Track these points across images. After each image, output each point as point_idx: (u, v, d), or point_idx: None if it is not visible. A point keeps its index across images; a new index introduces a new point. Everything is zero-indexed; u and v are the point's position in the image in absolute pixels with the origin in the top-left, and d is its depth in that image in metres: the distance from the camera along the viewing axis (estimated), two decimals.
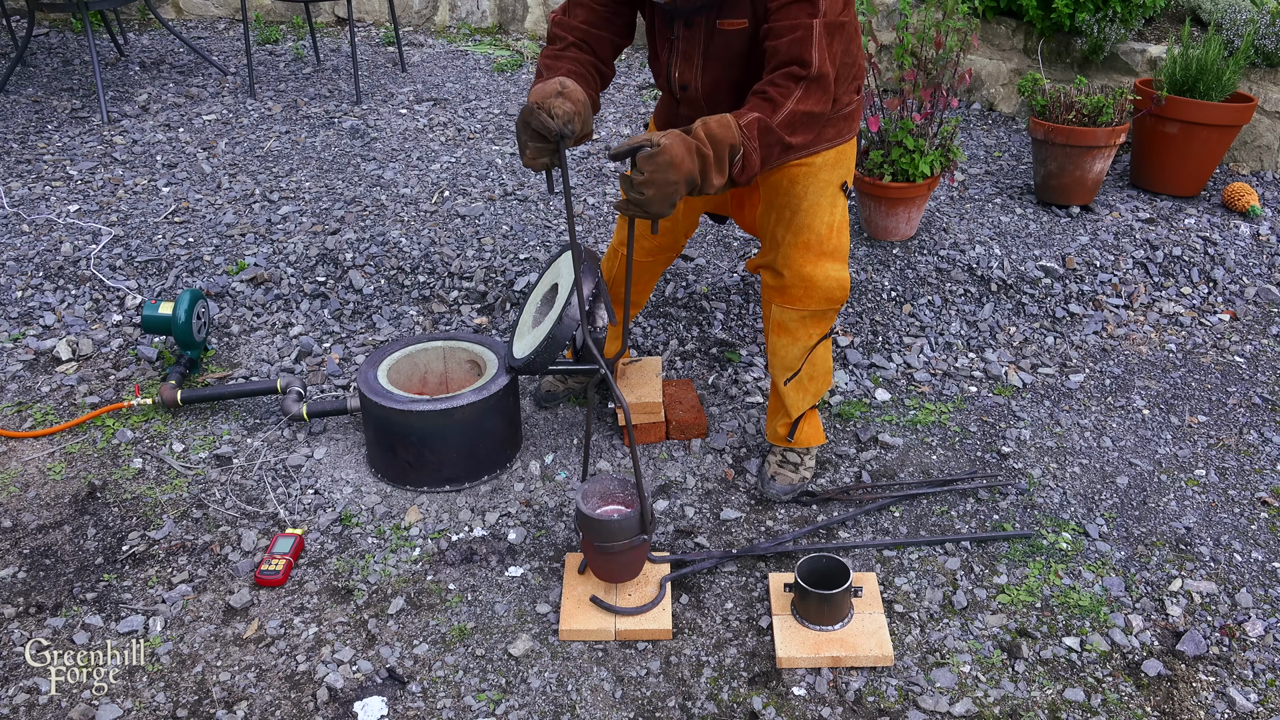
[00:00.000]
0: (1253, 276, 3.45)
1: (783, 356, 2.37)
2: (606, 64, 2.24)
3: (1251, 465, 2.64)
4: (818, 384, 2.41)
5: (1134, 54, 4.13)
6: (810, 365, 2.37)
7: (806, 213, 2.23)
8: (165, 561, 2.31)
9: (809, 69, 1.94)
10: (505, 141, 4.22)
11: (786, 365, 2.37)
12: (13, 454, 2.65)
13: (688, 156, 1.86)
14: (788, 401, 2.42)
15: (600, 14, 2.19)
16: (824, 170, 2.23)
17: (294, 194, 3.72)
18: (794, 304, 2.28)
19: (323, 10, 5.88)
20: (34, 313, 3.16)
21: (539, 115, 1.96)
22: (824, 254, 2.24)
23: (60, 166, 3.94)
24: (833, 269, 2.25)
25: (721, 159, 1.90)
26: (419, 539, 2.38)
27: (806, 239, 2.23)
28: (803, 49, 1.94)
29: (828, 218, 2.24)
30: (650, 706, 1.98)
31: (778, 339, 2.35)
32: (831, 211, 2.25)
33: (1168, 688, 2.02)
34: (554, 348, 2.45)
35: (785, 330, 2.33)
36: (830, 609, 2.08)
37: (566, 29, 2.20)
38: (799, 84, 1.95)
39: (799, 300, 2.27)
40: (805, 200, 2.23)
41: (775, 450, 2.55)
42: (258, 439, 2.71)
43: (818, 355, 2.37)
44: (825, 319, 2.32)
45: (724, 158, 1.90)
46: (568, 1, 2.23)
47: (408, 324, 3.14)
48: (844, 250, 2.28)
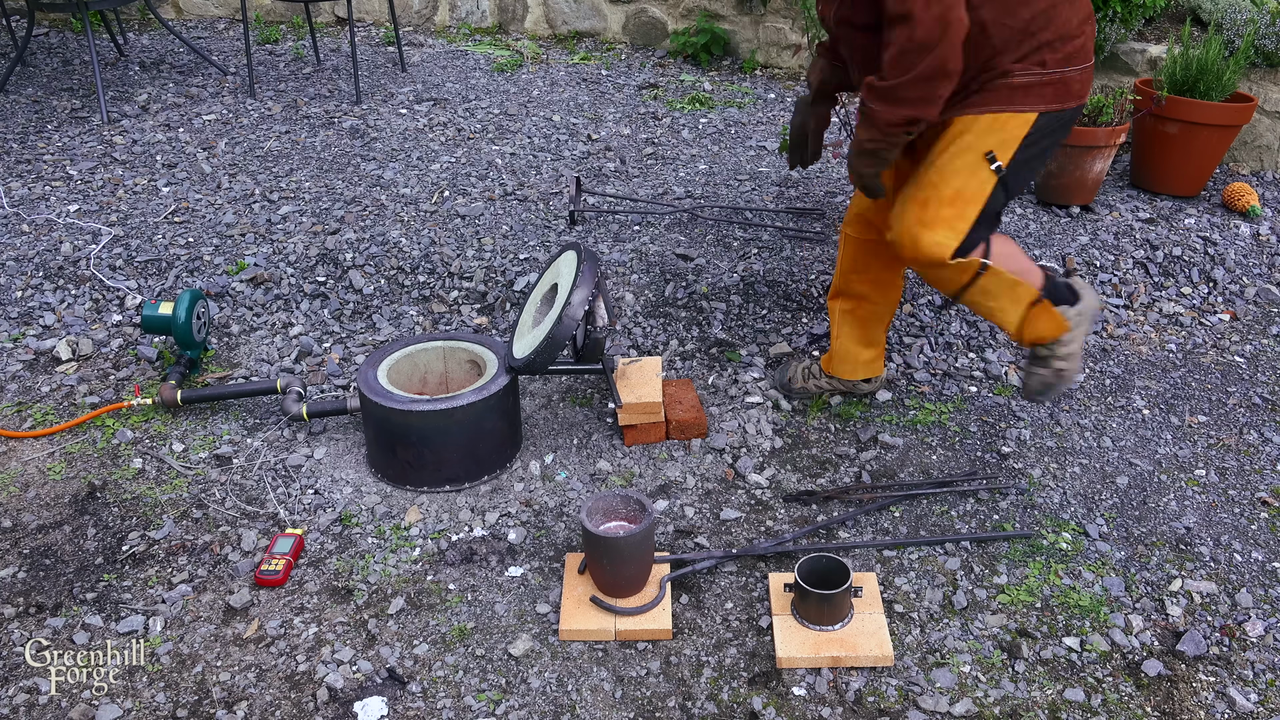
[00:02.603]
0: (1253, 276, 3.45)
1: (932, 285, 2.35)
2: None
3: (1251, 465, 2.64)
4: (1008, 297, 2.30)
5: (1134, 54, 4.13)
6: (980, 291, 2.29)
7: (936, 170, 2.17)
8: (165, 561, 2.31)
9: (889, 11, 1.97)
10: (505, 141, 4.22)
11: (939, 288, 2.34)
12: (13, 454, 2.65)
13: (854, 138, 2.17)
14: (989, 317, 2.37)
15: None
16: (967, 134, 2.16)
17: (294, 194, 3.72)
18: (901, 250, 2.24)
19: (323, 10, 5.89)
20: (34, 313, 3.16)
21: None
22: (938, 218, 2.18)
23: (60, 166, 3.94)
24: (940, 234, 2.18)
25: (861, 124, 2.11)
26: (419, 539, 2.38)
27: (925, 196, 2.18)
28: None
29: (959, 184, 2.16)
30: (650, 706, 1.98)
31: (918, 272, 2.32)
32: (965, 179, 2.17)
33: (1168, 688, 2.02)
34: (554, 348, 2.45)
35: (917, 270, 2.30)
36: (830, 609, 2.08)
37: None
38: (890, 29, 1.99)
39: (903, 251, 2.23)
40: (939, 159, 2.18)
41: (1026, 351, 2.46)
42: (258, 439, 2.71)
43: (982, 285, 2.27)
44: (961, 268, 2.23)
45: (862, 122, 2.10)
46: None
47: (408, 324, 3.14)
48: (962, 222, 2.19)
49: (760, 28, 5.16)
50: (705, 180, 3.87)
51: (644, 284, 3.22)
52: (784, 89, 4.89)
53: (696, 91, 4.81)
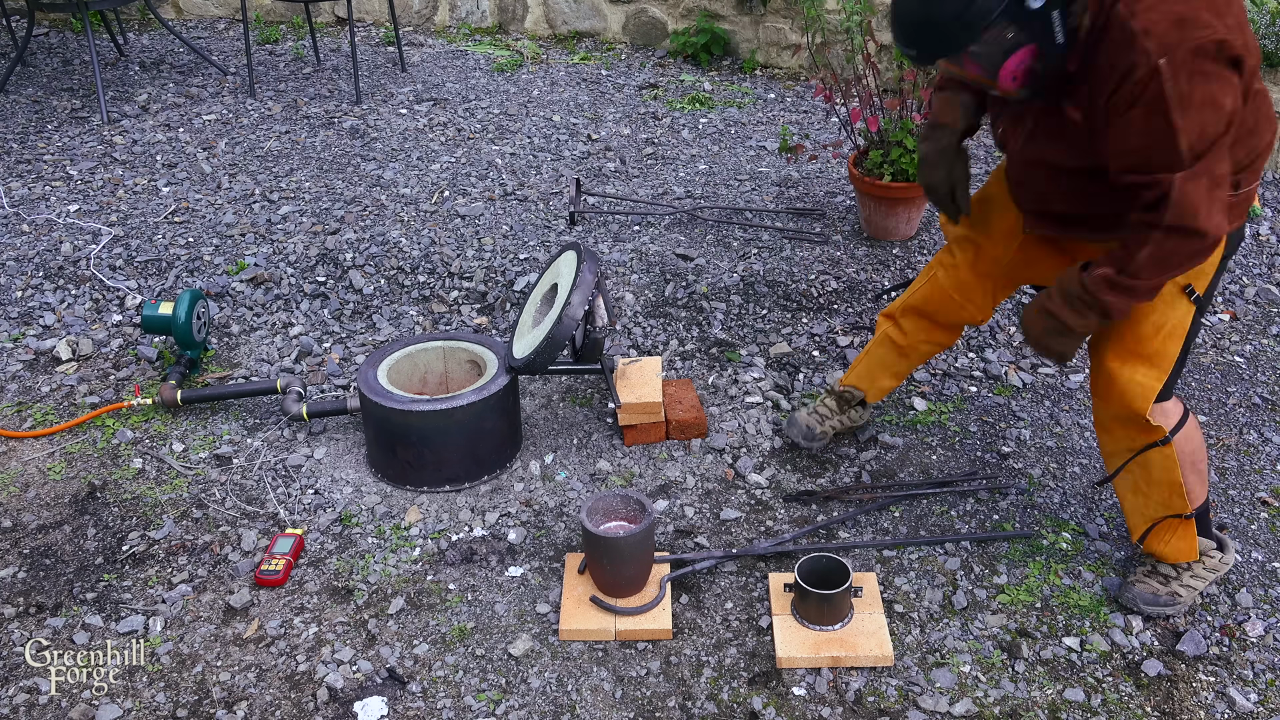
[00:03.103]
0: (1253, 276, 3.45)
1: (1103, 448, 2.16)
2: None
3: (1251, 465, 2.64)
4: (1160, 495, 2.08)
5: None
6: (1142, 470, 2.07)
7: (1135, 306, 1.93)
8: (165, 561, 2.31)
9: (1167, 221, 1.74)
10: (505, 141, 4.22)
11: (1108, 456, 2.14)
12: (13, 454, 2.65)
13: (1037, 318, 1.99)
14: (1125, 504, 2.17)
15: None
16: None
17: (294, 194, 3.72)
18: (1098, 398, 2.07)
19: (323, 10, 5.88)
20: (34, 313, 3.16)
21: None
22: (1138, 355, 1.97)
23: (60, 166, 3.94)
24: (1140, 374, 1.97)
25: (1074, 308, 1.91)
26: (419, 539, 2.38)
27: (1122, 331, 1.98)
28: (1160, 202, 1.74)
29: (1157, 319, 1.96)
30: (650, 706, 1.98)
31: (1097, 429, 2.15)
32: (1163, 312, 1.96)
33: (1168, 688, 2.02)
34: (554, 348, 2.45)
35: (1099, 424, 2.13)
36: (830, 609, 2.08)
37: None
38: (1154, 229, 1.76)
39: (1100, 395, 2.06)
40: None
41: (1147, 559, 2.23)
42: (258, 439, 2.71)
43: (1152, 462, 2.05)
44: (1146, 428, 2.02)
45: (1076, 308, 1.91)
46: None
47: (408, 324, 3.14)
48: (1164, 360, 1.98)
49: (760, 28, 5.16)
50: (705, 180, 3.87)
51: (644, 284, 3.22)
52: (784, 89, 4.89)
53: (696, 91, 4.81)
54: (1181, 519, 2.09)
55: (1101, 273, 1.84)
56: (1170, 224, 1.74)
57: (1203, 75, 1.64)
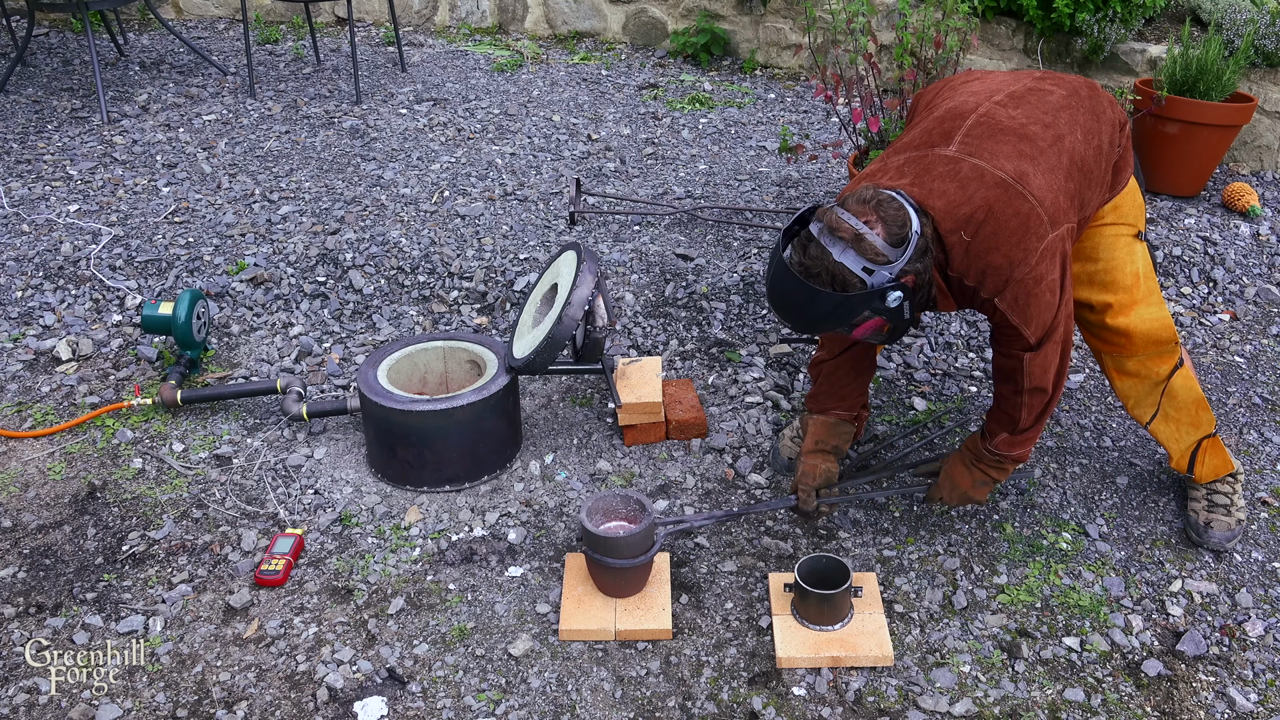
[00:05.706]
0: (1253, 276, 3.45)
1: (1135, 398, 2.33)
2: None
3: (1251, 465, 2.64)
4: (1191, 414, 2.33)
5: (1134, 54, 4.13)
6: (1169, 400, 2.30)
7: (1105, 270, 2.21)
8: (165, 561, 2.31)
9: (1029, 384, 2.08)
10: (505, 141, 4.22)
11: (1141, 405, 2.33)
12: (13, 454, 2.65)
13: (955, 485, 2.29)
14: (1164, 440, 2.37)
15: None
16: (1106, 226, 2.21)
17: (294, 194, 3.72)
18: (1121, 354, 2.27)
19: (323, 10, 5.89)
20: (34, 313, 3.16)
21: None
22: (1136, 301, 2.22)
23: (60, 166, 3.94)
24: (1149, 312, 2.22)
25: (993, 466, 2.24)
26: (419, 539, 2.38)
27: (1113, 291, 2.22)
28: (1017, 376, 2.08)
29: (1131, 268, 2.21)
30: (650, 706, 1.98)
31: (1121, 383, 2.32)
32: (1133, 261, 2.22)
33: (1168, 688, 2.02)
34: (554, 348, 2.45)
35: (1125, 373, 2.30)
36: (830, 609, 2.08)
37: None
38: (1027, 394, 2.10)
39: (1124, 350, 2.26)
40: (1100, 259, 2.22)
41: (1197, 490, 2.44)
42: (258, 439, 2.71)
43: (1175, 388, 2.29)
44: (1166, 355, 2.26)
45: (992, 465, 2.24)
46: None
47: (408, 324, 3.14)
48: (1153, 293, 2.25)
49: (760, 28, 5.16)
50: (705, 180, 3.87)
51: (644, 284, 3.22)
52: (784, 89, 4.89)
53: (696, 91, 4.81)
54: (1209, 438, 2.36)
55: (1000, 439, 2.19)
56: (1030, 388, 2.08)
57: (1029, 293, 1.94)
